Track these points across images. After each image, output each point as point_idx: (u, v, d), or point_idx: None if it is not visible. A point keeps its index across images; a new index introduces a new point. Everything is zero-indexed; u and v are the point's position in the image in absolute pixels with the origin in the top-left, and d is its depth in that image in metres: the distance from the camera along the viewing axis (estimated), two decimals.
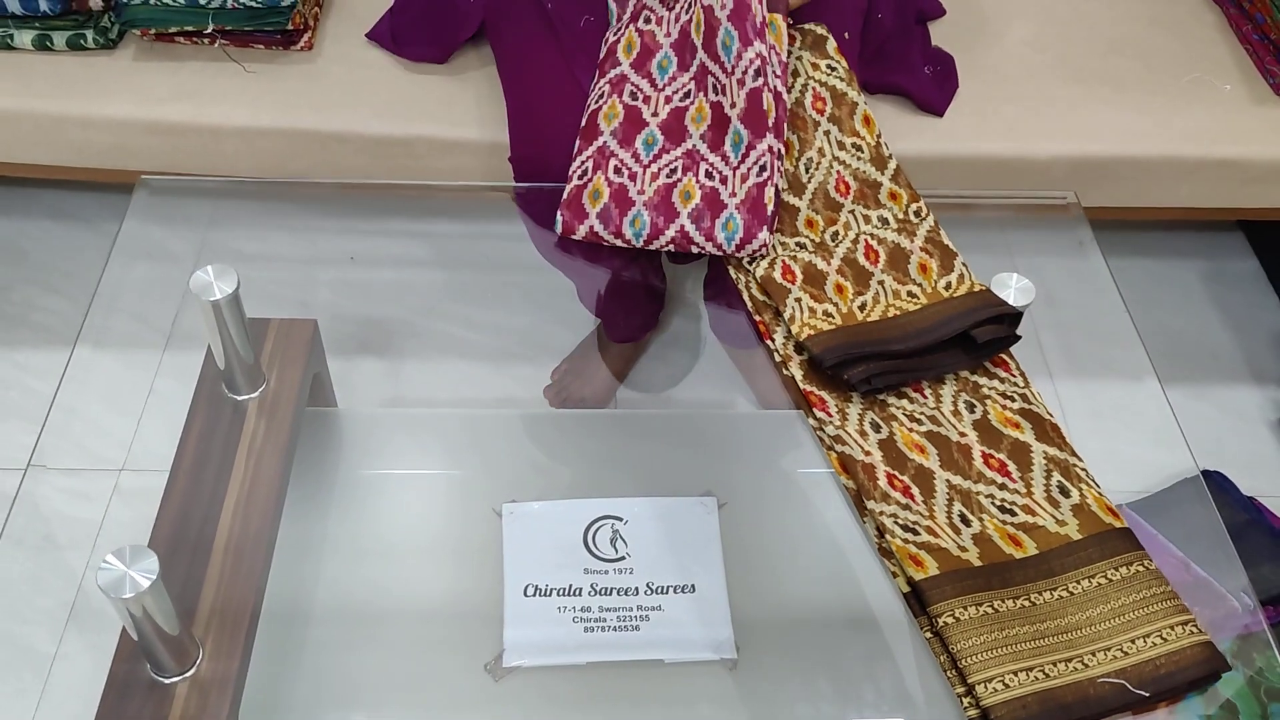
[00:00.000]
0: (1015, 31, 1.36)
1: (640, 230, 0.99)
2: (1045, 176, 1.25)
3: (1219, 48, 1.36)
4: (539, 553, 1.01)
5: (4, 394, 1.41)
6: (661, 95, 1.04)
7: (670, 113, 1.03)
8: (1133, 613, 0.76)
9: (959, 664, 0.74)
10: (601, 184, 1.00)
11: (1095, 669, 0.73)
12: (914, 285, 0.97)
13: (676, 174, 1.00)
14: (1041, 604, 0.77)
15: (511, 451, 1.15)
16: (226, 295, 0.93)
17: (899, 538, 0.80)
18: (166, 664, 0.82)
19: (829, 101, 1.07)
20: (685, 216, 0.98)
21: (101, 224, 1.61)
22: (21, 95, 1.19)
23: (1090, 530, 0.80)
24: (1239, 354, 1.56)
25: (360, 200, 1.45)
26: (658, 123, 1.02)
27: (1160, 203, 1.30)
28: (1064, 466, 0.85)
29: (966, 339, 0.91)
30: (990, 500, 0.82)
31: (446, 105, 1.22)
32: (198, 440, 0.99)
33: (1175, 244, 1.70)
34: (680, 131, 1.02)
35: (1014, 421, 0.88)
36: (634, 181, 1.00)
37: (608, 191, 1.00)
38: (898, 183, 1.04)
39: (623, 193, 0.99)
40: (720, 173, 0.99)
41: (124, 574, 0.74)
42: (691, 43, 1.03)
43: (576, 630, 0.95)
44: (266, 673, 0.89)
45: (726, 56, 0.99)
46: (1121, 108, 1.28)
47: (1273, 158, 1.27)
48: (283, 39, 1.23)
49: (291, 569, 0.97)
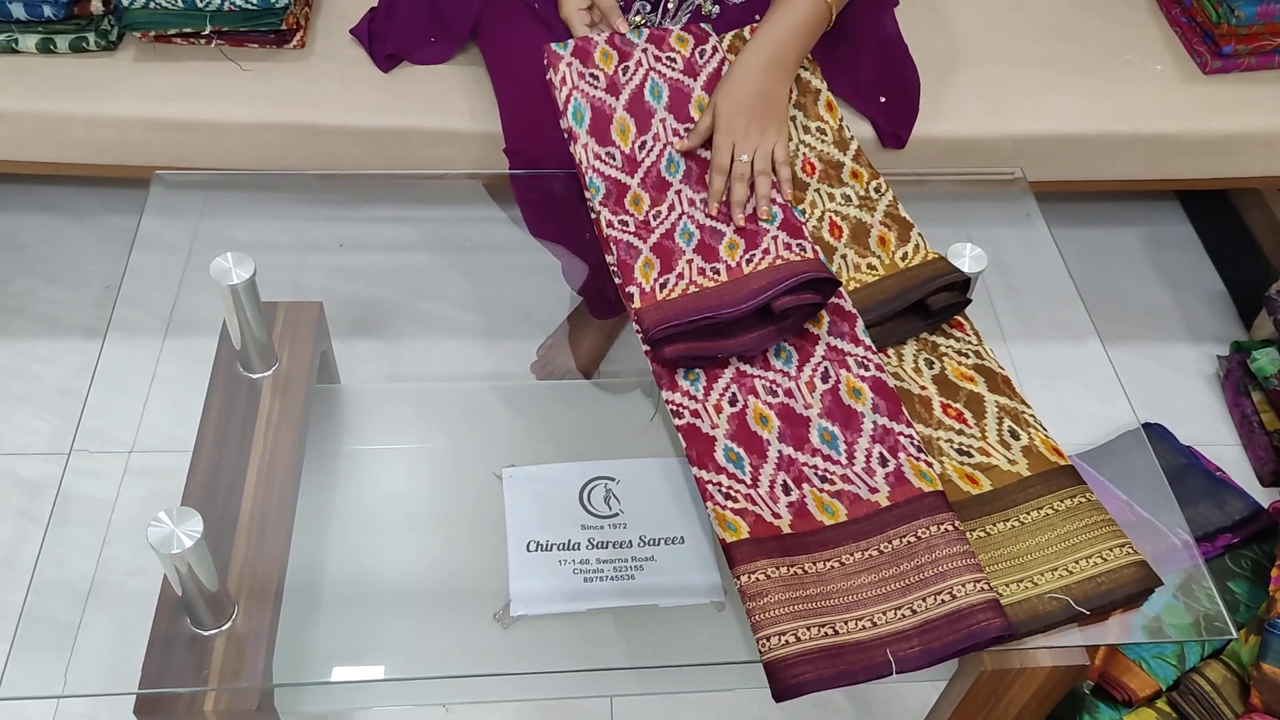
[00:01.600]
0: (962, 18, 1.45)
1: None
2: (993, 154, 1.34)
3: (1150, 30, 1.45)
4: (539, 512, 1.08)
5: (11, 382, 1.47)
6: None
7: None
8: (1076, 538, 0.85)
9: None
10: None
11: (1044, 586, 0.83)
12: (873, 257, 1.05)
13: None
14: (995, 534, 0.86)
15: (506, 421, 1.23)
16: (244, 280, 1.00)
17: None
18: (205, 619, 0.89)
19: (794, 90, 1.16)
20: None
21: (95, 216, 1.66)
22: (28, 96, 1.24)
23: (1038, 469, 0.90)
24: (1177, 313, 1.67)
25: (350, 189, 1.51)
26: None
27: (1099, 175, 1.40)
28: (1014, 414, 0.94)
29: (923, 305, 1.00)
30: (950, 444, 0.92)
31: (437, 98, 1.28)
32: (218, 417, 1.05)
33: (1117, 213, 1.80)
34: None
35: (969, 376, 0.97)
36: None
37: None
38: (859, 162, 1.13)
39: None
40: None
41: (172, 532, 0.81)
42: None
43: (577, 581, 1.03)
44: (293, 628, 0.96)
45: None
46: (1061, 88, 1.37)
47: (1201, 132, 1.36)
48: (276, 38, 1.29)
49: (309, 534, 1.04)
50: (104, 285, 1.58)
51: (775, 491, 0.86)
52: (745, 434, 0.90)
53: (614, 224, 1.02)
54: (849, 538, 0.84)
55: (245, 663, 0.89)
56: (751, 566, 0.81)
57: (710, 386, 0.92)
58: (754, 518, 0.85)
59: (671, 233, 1.02)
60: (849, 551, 0.83)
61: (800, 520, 0.85)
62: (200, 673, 0.87)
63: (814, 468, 0.88)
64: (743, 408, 0.91)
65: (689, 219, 1.03)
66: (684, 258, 1.00)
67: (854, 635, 0.78)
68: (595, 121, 1.09)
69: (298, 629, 0.98)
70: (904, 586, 0.80)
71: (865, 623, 0.79)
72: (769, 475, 0.87)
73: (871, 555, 0.82)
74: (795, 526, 0.84)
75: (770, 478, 0.87)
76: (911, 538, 0.83)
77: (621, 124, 1.09)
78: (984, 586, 0.79)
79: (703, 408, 0.91)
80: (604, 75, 1.11)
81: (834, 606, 0.80)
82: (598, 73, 1.11)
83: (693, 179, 1.05)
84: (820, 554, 0.83)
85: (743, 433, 0.90)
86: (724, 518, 0.85)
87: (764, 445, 0.89)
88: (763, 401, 0.91)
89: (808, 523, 0.85)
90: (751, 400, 0.91)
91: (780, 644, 0.77)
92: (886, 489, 0.86)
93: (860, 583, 0.81)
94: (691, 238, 1.01)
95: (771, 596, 0.80)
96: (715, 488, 0.86)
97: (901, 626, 0.78)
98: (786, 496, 0.86)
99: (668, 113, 1.10)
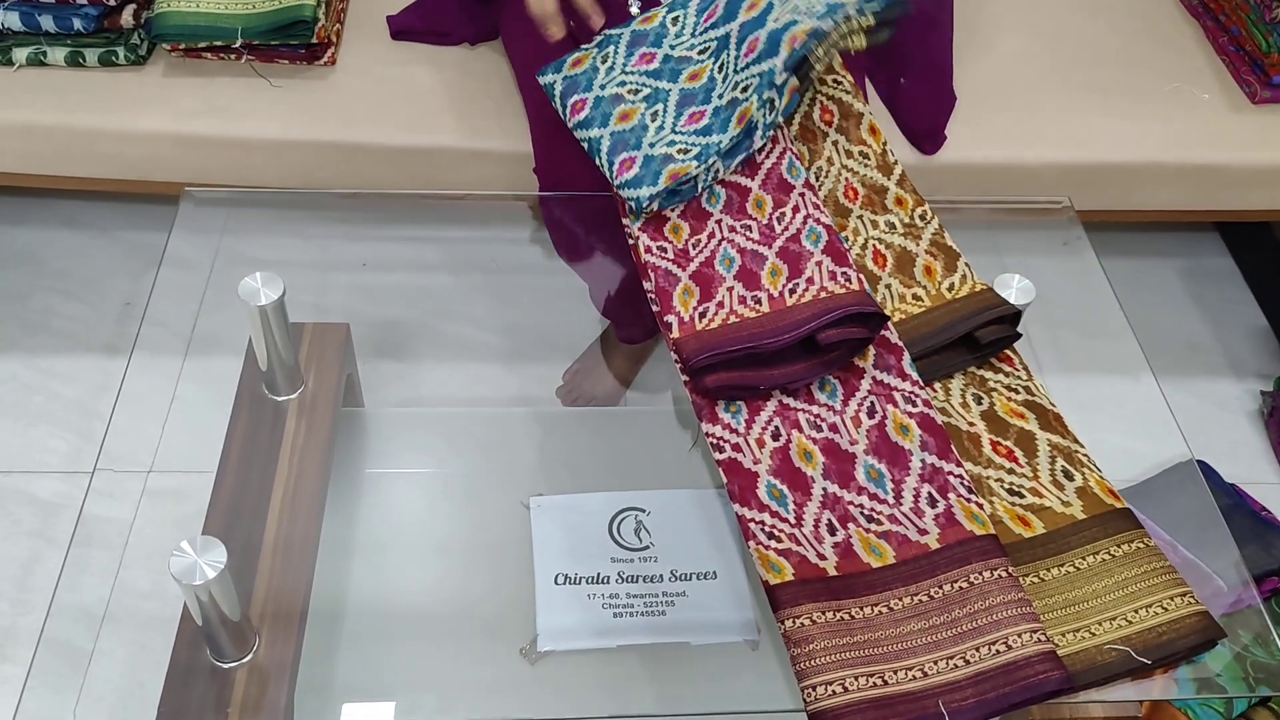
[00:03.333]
0: (1004, 44, 1.43)
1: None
2: (1036, 181, 1.31)
3: (1197, 59, 1.43)
4: (567, 543, 1.05)
5: (29, 399, 1.45)
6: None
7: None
8: (1135, 585, 0.82)
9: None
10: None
11: (1102, 636, 0.79)
12: (919, 288, 1.02)
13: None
14: (1050, 579, 0.83)
15: (533, 448, 1.20)
16: (273, 300, 0.97)
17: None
18: (227, 650, 0.87)
19: (836, 113, 1.13)
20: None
21: (116, 232, 1.65)
22: (56, 110, 1.22)
23: (1093, 511, 0.86)
24: (1218, 348, 1.63)
25: (377, 208, 1.49)
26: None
27: (1144, 205, 1.37)
28: (1067, 453, 0.91)
29: (970, 339, 0.97)
30: (1000, 484, 0.88)
31: (467, 117, 1.26)
32: (242, 440, 1.03)
33: (1155, 244, 1.77)
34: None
35: (1019, 412, 0.94)
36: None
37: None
38: (903, 188, 1.10)
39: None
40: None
41: (195, 562, 0.78)
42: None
43: (606, 616, 1.00)
44: (315, 660, 0.93)
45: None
46: (1107, 116, 1.34)
47: (1249, 162, 1.33)
48: (307, 54, 1.27)
49: (332, 562, 1.02)
50: (124, 302, 1.56)
51: (820, 531, 0.83)
52: (789, 470, 0.86)
53: (652, 249, 1.00)
54: (898, 581, 0.80)
55: (267, 697, 0.86)
56: (796, 610, 0.78)
57: (752, 420, 0.89)
58: (799, 558, 0.81)
59: (712, 260, 0.99)
60: (897, 596, 0.79)
61: (846, 561, 0.81)
62: (221, 707, 0.84)
63: (860, 506, 0.84)
64: (786, 442, 0.88)
65: (729, 244, 1.00)
66: (724, 285, 0.97)
67: (904, 686, 0.74)
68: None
69: (320, 661, 0.95)
70: (956, 635, 0.77)
71: (916, 672, 0.75)
72: (813, 514, 0.84)
73: (921, 600, 0.79)
74: (841, 568, 0.81)
75: (815, 516, 0.84)
76: (964, 583, 0.79)
77: None
78: (1041, 637, 0.76)
79: (744, 441, 0.88)
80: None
81: (883, 655, 0.76)
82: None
83: (734, 208, 1.03)
84: (867, 598, 0.79)
85: (786, 468, 0.86)
86: (767, 558, 0.81)
87: (808, 482, 0.85)
88: (806, 436, 0.88)
89: (854, 564, 0.81)
90: (795, 434, 0.88)
91: (827, 694, 0.74)
92: (936, 530, 0.82)
93: (910, 630, 0.77)
94: (732, 263, 0.98)
95: (817, 643, 0.76)
96: (758, 526, 0.83)
97: (954, 677, 0.75)
98: (832, 536, 0.83)
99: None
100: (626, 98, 1.05)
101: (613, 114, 1.04)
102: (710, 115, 1.03)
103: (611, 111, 1.04)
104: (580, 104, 1.05)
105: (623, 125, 1.03)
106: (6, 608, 1.27)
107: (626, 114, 1.04)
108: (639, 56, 1.08)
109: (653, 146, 1.01)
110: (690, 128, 1.02)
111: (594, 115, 1.04)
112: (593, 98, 1.05)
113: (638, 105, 1.04)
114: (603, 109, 1.04)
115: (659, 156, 1.00)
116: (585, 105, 1.05)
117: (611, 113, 1.04)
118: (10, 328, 1.52)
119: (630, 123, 1.03)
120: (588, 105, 1.05)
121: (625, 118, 1.04)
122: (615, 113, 1.04)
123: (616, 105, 1.05)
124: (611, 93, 1.06)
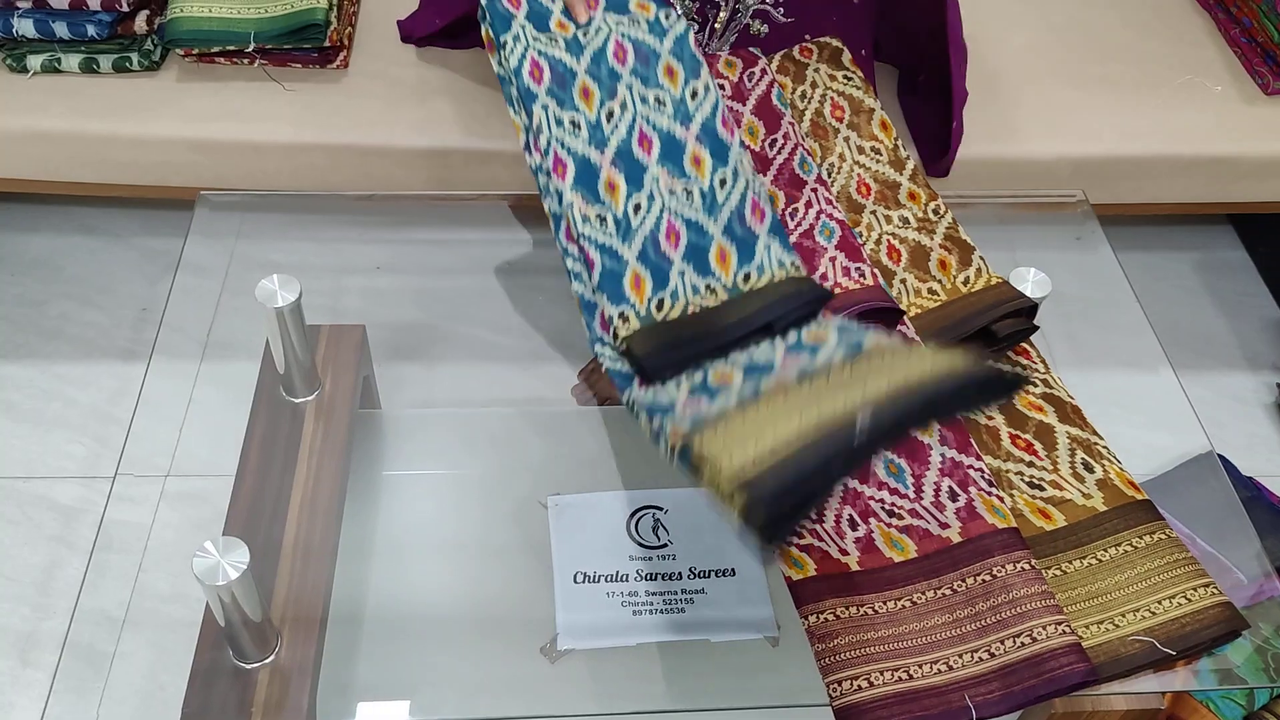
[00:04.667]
0: (1015, 39, 1.42)
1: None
2: (1050, 175, 1.31)
3: (1209, 51, 1.42)
4: (586, 542, 1.05)
5: (46, 405, 1.45)
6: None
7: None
8: (1157, 576, 0.81)
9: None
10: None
11: (1126, 628, 0.79)
12: (934, 282, 1.02)
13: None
14: (1072, 572, 0.82)
15: (549, 447, 1.20)
16: (290, 303, 0.98)
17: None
18: (249, 651, 0.87)
19: (847, 109, 1.13)
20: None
21: (132, 238, 1.65)
22: (70, 116, 1.23)
23: (1114, 503, 0.86)
24: (1233, 340, 1.63)
25: (391, 210, 1.50)
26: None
27: (1158, 198, 1.36)
28: (1086, 445, 0.90)
29: (987, 332, 0.97)
30: (1020, 477, 0.88)
31: (480, 119, 1.27)
32: (260, 442, 1.03)
33: (1169, 237, 1.77)
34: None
35: (1037, 405, 0.93)
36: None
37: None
38: (916, 182, 1.10)
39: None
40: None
41: (217, 562, 0.78)
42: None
43: (625, 614, 1.00)
44: (336, 660, 0.93)
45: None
46: (1119, 110, 1.34)
47: (1262, 154, 1.33)
48: (319, 58, 1.27)
49: (351, 563, 1.02)
50: (141, 308, 1.57)
51: (841, 526, 0.83)
52: None
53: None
54: (920, 575, 0.80)
55: (290, 697, 0.86)
56: (819, 606, 0.78)
57: None
58: (820, 554, 0.81)
59: None
60: (920, 590, 0.79)
61: (868, 556, 0.81)
62: (244, 708, 0.84)
63: (880, 501, 0.84)
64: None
65: None
66: None
67: (929, 680, 0.74)
68: None
69: (340, 661, 0.95)
70: (980, 628, 0.77)
71: (940, 666, 0.75)
72: (834, 509, 0.84)
73: (944, 594, 0.79)
74: (863, 563, 0.81)
75: (836, 512, 0.84)
76: (986, 576, 0.79)
77: None
78: (1065, 629, 0.76)
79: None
80: None
81: (907, 649, 0.76)
82: None
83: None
84: (890, 592, 0.79)
85: None
86: (789, 554, 0.81)
87: None
88: None
89: (876, 559, 0.81)
90: None
91: (852, 689, 0.74)
92: (958, 524, 0.82)
93: (934, 624, 0.77)
94: None
95: (841, 639, 0.76)
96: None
97: (979, 670, 0.75)
98: (853, 532, 0.83)
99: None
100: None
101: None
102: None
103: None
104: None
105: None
106: (28, 612, 1.28)
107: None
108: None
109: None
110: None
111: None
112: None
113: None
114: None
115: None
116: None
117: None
118: (27, 334, 1.52)
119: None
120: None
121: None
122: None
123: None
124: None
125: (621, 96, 0.95)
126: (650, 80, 0.96)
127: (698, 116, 0.96)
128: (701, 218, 0.92)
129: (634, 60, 0.97)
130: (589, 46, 0.97)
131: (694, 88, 0.97)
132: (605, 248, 0.92)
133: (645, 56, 0.97)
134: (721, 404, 0.77)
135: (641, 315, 0.89)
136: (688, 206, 0.93)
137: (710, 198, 0.93)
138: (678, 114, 0.95)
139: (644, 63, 0.97)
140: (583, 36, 0.98)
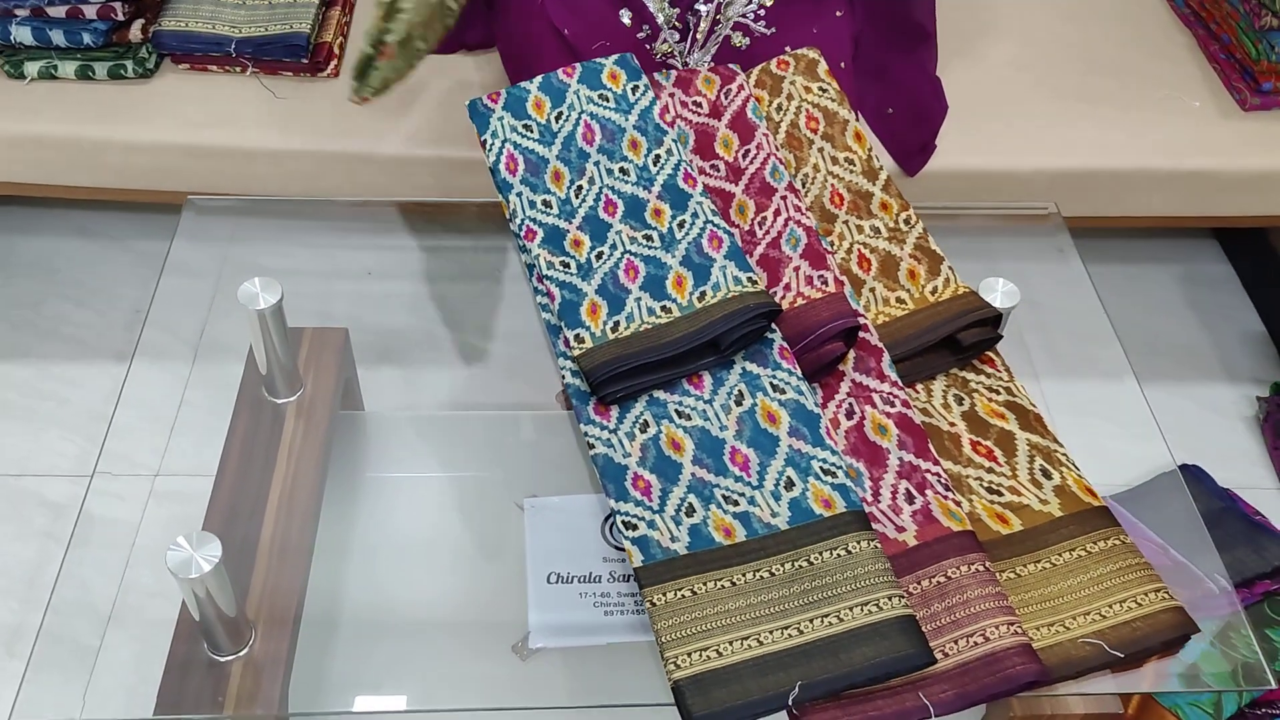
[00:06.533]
0: (997, 52, 1.44)
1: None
2: (1027, 188, 1.32)
3: (1188, 66, 1.44)
4: (559, 543, 1.07)
5: (40, 404, 1.48)
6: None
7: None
8: (1110, 581, 0.83)
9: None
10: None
11: (1076, 631, 0.80)
12: (902, 291, 1.04)
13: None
14: (1026, 575, 0.84)
15: (529, 451, 1.22)
16: (271, 305, 1.00)
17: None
18: (223, 643, 0.89)
19: (821, 121, 1.15)
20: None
21: (126, 241, 1.68)
22: (65, 122, 1.26)
23: (1071, 509, 0.88)
24: (1215, 353, 1.64)
25: (379, 216, 1.52)
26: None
27: (1135, 211, 1.38)
28: (1045, 452, 0.92)
29: (953, 341, 0.98)
30: (979, 483, 0.90)
31: (468, 127, 1.28)
32: (241, 441, 1.05)
33: (1152, 251, 1.78)
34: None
35: (999, 412, 0.95)
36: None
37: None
38: (888, 193, 1.11)
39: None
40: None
41: (190, 556, 0.80)
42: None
43: (597, 614, 1.01)
44: (310, 656, 0.95)
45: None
46: (1098, 123, 1.35)
47: (1240, 169, 1.34)
48: (310, 66, 1.30)
49: (328, 561, 1.04)
50: (134, 309, 1.60)
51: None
52: None
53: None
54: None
55: (261, 689, 0.88)
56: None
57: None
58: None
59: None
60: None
61: None
62: (216, 699, 0.86)
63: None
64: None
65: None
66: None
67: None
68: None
69: (315, 657, 0.97)
70: (935, 629, 0.78)
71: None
72: None
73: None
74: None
75: None
76: (941, 578, 0.81)
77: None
78: (1017, 630, 0.77)
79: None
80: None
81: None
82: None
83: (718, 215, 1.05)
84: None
85: None
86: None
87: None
88: None
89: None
90: None
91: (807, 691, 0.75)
92: (914, 527, 0.84)
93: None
94: None
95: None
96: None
97: (934, 670, 0.76)
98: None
99: (693, 155, 1.09)
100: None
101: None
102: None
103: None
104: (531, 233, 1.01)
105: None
106: (17, 605, 1.30)
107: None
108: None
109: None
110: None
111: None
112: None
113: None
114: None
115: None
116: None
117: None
118: (23, 334, 1.55)
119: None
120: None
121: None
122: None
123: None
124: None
125: (590, 173, 1.01)
126: (615, 155, 1.02)
127: (660, 178, 1.01)
128: (660, 254, 0.96)
129: (600, 138, 1.02)
130: (560, 133, 1.03)
131: (656, 154, 1.02)
132: (566, 284, 0.96)
133: (611, 134, 1.03)
134: (669, 536, 0.83)
135: (596, 336, 0.92)
136: (646, 248, 0.97)
137: (669, 237, 0.97)
138: (640, 179, 1.01)
139: (610, 139, 1.02)
140: (555, 122, 1.04)
